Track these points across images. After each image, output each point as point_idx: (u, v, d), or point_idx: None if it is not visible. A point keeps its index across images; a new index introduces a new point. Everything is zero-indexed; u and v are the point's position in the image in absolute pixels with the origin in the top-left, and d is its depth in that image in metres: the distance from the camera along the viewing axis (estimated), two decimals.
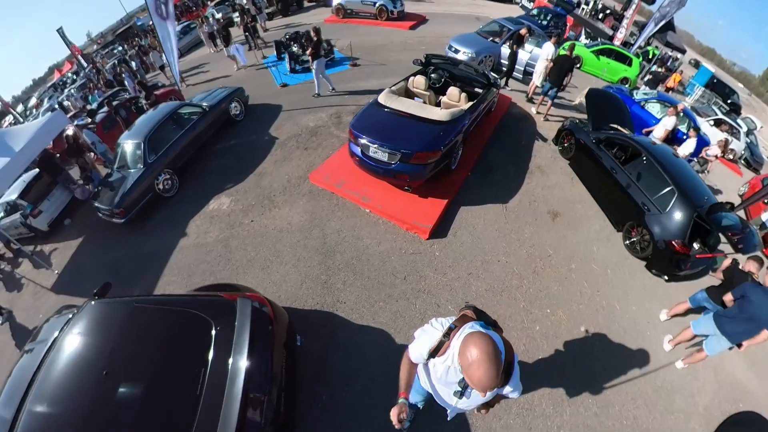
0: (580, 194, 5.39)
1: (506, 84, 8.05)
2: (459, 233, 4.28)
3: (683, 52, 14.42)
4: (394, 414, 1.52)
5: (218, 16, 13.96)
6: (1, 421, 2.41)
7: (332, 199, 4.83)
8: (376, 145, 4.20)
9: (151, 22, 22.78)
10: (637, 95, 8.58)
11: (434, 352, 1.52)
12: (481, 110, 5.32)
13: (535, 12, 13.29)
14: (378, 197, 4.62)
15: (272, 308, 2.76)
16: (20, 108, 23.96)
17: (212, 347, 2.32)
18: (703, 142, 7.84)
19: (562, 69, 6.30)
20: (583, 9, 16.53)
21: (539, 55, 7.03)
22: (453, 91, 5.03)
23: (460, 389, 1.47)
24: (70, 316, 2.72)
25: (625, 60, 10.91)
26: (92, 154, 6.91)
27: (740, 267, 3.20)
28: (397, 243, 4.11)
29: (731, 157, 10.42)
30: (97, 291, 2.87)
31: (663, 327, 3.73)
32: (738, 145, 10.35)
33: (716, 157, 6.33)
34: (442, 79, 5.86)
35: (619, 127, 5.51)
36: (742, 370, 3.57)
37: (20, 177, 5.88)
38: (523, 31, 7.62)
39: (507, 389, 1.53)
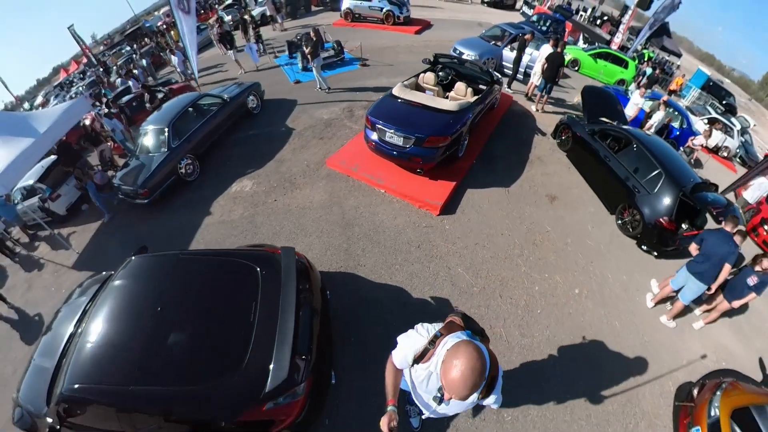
0: (576, 181, 5.93)
1: (509, 85, 8.67)
2: (466, 211, 4.82)
3: (679, 56, 15.30)
4: (384, 423, 1.47)
5: (227, 18, 14.66)
6: (43, 370, 2.84)
7: (348, 182, 5.36)
8: (392, 131, 4.75)
9: (160, 23, 23.45)
10: (631, 95, 9.24)
11: (418, 359, 1.51)
12: (485, 104, 5.91)
13: (534, 18, 14.11)
14: (391, 179, 5.16)
15: (308, 261, 3.26)
16: (26, 105, 24.55)
17: (260, 287, 2.74)
18: (691, 134, 8.48)
19: (554, 65, 6.94)
20: (581, 16, 17.46)
21: (538, 57, 7.68)
22: (460, 86, 5.62)
23: (439, 396, 1.44)
24: (110, 273, 3.09)
25: (621, 63, 11.63)
26: (110, 142, 7.41)
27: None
28: (411, 218, 4.63)
29: (725, 154, 11.05)
30: (135, 252, 3.19)
31: (652, 294, 4.21)
32: (732, 143, 10.97)
33: (701, 146, 6.89)
34: (450, 77, 6.46)
35: (608, 120, 6.08)
36: (727, 336, 3.98)
37: (39, 162, 6.27)
38: (528, 36, 8.28)
39: (488, 401, 1.53)
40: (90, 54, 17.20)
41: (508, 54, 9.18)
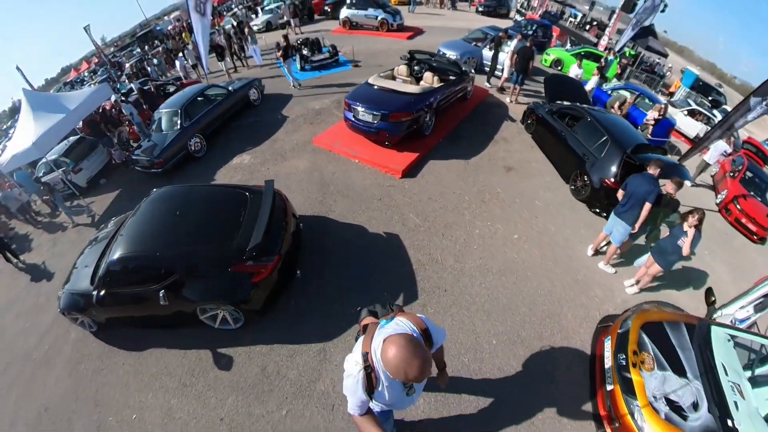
0: (537, 158, 6.82)
1: (488, 80, 9.72)
2: (426, 176, 5.82)
3: (665, 56, 16.18)
4: None
5: (227, 27, 16.38)
6: (85, 269, 3.97)
7: (330, 155, 6.47)
8: (363, 109, 5.87)
9: (170, 27, 25.56)
10: (606, 86, 10.26)
11: (370, 388, 1.54)
12: (451, 90, 6.98)
13: (523, 23, 15.30)
14: (365, 152, 6.24)
15: (285, 197, 4.32)
16: None
17: (247, 202, 3.93)
18: (665, 121, 9.27)
19: (524, 57, 7.98)
20: (570, 21, 18.64)
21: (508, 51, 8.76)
22: (427, 75, 6.75)
23: (407, 387, 1.59)
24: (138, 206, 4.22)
25: (600, 60, 12.64)
26: (128, 126, 8.75)
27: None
28: (377, 180, 5.68)
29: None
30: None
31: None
32: (722, 144, 11.65)
33: (654, 119, 7.70)
34: (423, 69, 7.57)
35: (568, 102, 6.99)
36: (666, 287, 4.40)
37: (64, 140, 7.61)
38: (502, 35, 9.40)
39: (436, 344, 1.72)
40: (103, 54, 19.21)
41: (487, 53, 10.30)
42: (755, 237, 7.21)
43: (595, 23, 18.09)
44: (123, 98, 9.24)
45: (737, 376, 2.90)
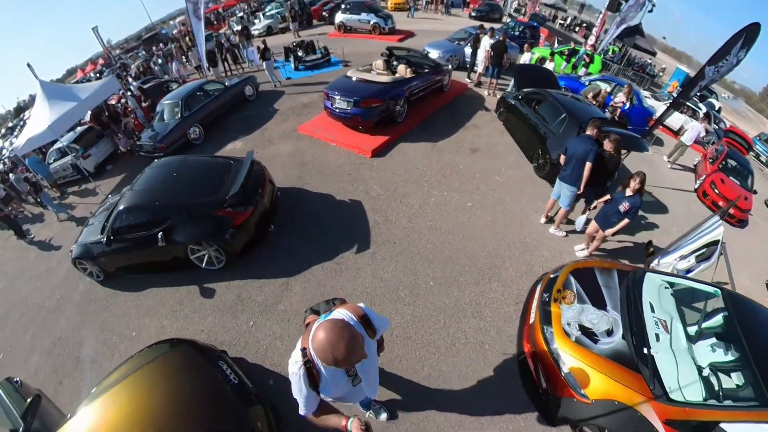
0: (504, 141, 7.56)
1: (468, 76, 10.57)
2: (394, 155, 6.68)
3: (653, 54, 16.82)
4: (355, 427, 1.59)
5: (236, 27, 17.70)
6: (96, 225, 4.94)
7: (311, 140, 7.40)
8: (339, 97, 6.78)
9: (175, 31, 27.46)
10: (584, 79, 11.05)
11: (314, 383, 1.56)
12: (423, 81, 7.85)
13: (511, 25, 16.20)
14: (342, 137, 7.15)
15: (264, 167, 5.21)
16: None
17: (231, 168, 4.88)
18: (642, 110, 9.87)
19: (498, 52, 8.82)
20: (560, 23, 19.52)
21: (480, 48, 9.61)
22: (401, 67, 7.65)
23: (351, 376, 1.62)
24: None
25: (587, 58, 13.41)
26: (132, 118, 9.83)
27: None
28: (350, 159, 6.57)
29: None
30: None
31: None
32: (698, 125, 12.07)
33: (622, 102, 8.36)
34: (400, 64, 8.47)
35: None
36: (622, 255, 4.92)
37: (74, 129, 8.65)
38: (478, 32, 10.28)
39: (378, 333, 1.78)
40: (111, 55, 20.77)
41: (468, 50, 11.17)
42: (733, 220, 7.53)
43: (584, 24, 18.95)
44: (130, 92, 10.44)
45: (666, 315, 3.11)
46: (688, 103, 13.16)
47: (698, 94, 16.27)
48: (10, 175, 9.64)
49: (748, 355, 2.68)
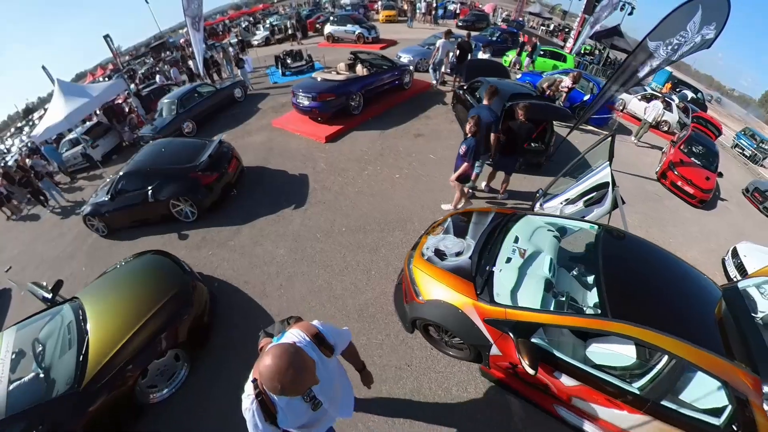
0: (450, 129, 8.99)
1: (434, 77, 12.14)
2: (345, 141, 8.31)
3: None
4: None
5: (234, 40, 20.11)
6: (103, 192, 6.70)
7: (282, 132, 9.19)
8: (302, 94, 8.48)
9: (182, 40, 30.65)
10: (546, 73, 12.50)
11: (270, 416, 1.54)
12: (378, 79, 9.47)
13: (490, 31, 17.83)
14: (305, 128, 8.88)
15: (233, 148, 6.93)
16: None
17: (205, 145, 6.65)
18: None
19: (463, 50, 10.37)
20: (542, 29, 21.04)
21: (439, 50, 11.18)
22: (358, 68, 9.34)
23: (308, 401, 1.59)
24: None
25: (560, 58, 14.83)
26: (135, 115, 11.90)
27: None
28: (307, 145, 8.27)
29: (666, 129, 12.97)
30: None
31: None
32: (672, 117, 12.84)
33: (568, 87, 9.62)
34: (364, 66, 10.16)
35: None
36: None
37: (84, 124, 10.75)
38: (444, 35, 11.88)
39: (337, 350, 1.81)
40: (120, 63, 23.53)
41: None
42: (695, 200, 7.93)
43: (566, 29, 20.41)
44: (136, 92, 12.68)
45: (531, 246, 3.49)
46: (656, 93, 14.18)
47: (677, 89, 17.32)
48: (27, 160, 11.80)
49: (600, 277, 2.90)
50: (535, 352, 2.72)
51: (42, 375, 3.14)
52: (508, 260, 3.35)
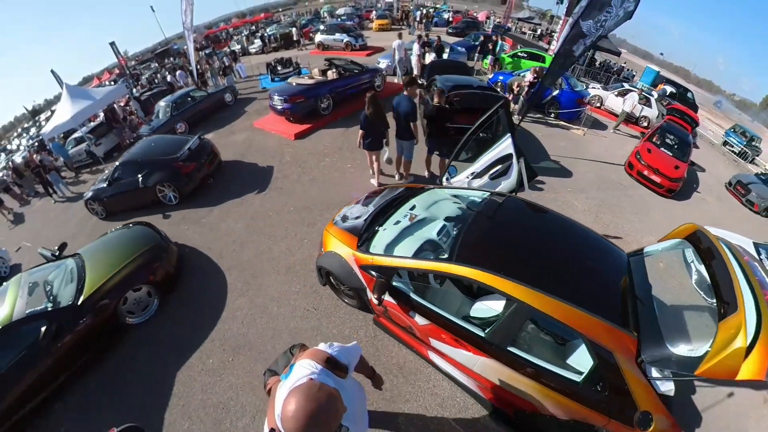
0: None
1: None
2: (312, 138, 9.74)
3: (617, 54, 18.69)
4: None
5: (236, 47, 21.98)
6: (103, 180, 8.20)
7: (261, 131, 10.70)
8: (277, 97, 9.93)
9: (185, 46, 32.35)
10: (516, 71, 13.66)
11: None
12: (347, 82, 10.84)
13: (473, 36, 19.06)
14: (280, 128, 10.32)
15: (213, 144, 8.40)
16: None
17: (188, 141, 8.13)
18: (571, 94, 11.92)
19: (440, 52, 11.67)
20: (527, 34, 22.18)
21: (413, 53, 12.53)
22: (329, 72, 10.73)
23: None
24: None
25: (539, 59, 15.90)
26: (135, 117, 13.61)
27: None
28: (280, 141, 9.73)
29: (646, 124, 13.73)
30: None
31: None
32: (651, 112, 13.52)
33: (530, 82, 10.74)
34: (337, 71, 11.56)
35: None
36: None
37: (89, 124, 12.47)
38: (423, 41, 13.23)
39: (352, 368, 1.78)
40: (127, 69, 25.71)
41: (413, 59, 14.11)
42: (662, 189, 7.88)
43: (551, 33, 21.48)
44: (136, 96, 14.49)
45: (427, 214, 4.10)
46: (633, 88, 14.97)
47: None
48: (36, 156, 13.59)
49: (462, 231, 3.39)
50: (383, 287, 3.31)
51: (52, 296, 4.55)
52: (397, 222, 4.01)
